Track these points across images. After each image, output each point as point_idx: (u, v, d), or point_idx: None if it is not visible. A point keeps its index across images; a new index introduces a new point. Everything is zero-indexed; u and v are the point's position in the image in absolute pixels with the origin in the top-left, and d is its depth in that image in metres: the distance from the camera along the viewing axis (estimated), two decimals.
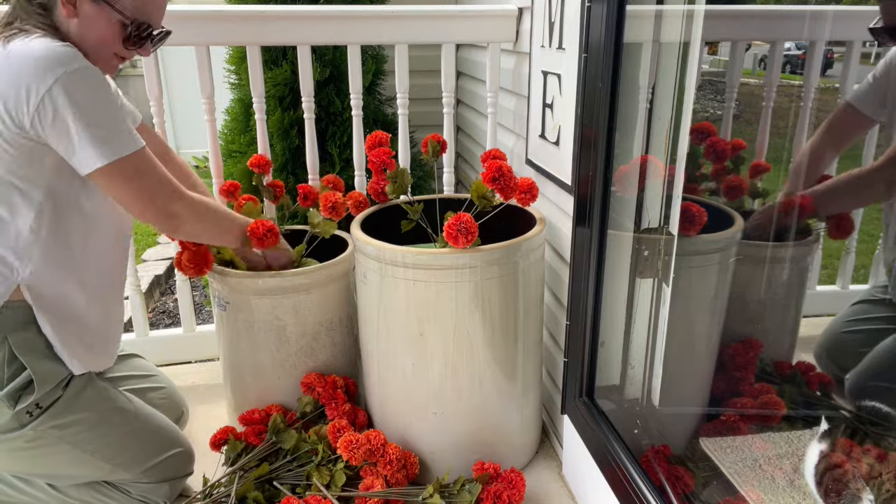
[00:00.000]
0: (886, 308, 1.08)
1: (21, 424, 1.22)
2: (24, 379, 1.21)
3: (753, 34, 1.29)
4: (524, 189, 1.49)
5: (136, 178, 1.19)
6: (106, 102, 1.14)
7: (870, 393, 1.03)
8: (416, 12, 1.85)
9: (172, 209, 1.26)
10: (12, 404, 1.20)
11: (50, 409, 1.24)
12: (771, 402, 1.18)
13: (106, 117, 1.14)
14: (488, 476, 1.46)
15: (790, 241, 1.18)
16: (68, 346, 1.25)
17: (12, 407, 1.20)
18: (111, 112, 1.15)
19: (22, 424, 1.22)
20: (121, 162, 1.16)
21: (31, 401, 1.21)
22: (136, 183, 1.20)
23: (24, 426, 1.22)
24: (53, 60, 1.08)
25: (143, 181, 1.21)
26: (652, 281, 1.31)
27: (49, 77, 1.07)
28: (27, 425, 1.22)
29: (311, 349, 1.68)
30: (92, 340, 1.31)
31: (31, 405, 1.22)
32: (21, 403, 1.21)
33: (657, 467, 1.24)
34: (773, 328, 1.29)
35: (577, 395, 1.47)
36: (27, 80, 1.08)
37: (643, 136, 1.29)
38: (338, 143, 2.32)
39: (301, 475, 1.50)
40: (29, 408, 1.22)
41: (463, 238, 1.35)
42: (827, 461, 0.94)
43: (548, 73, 1.58)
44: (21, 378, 1.21)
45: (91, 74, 1.13)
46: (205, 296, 3.12)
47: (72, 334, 1.26)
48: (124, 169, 1.17)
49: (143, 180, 1.21)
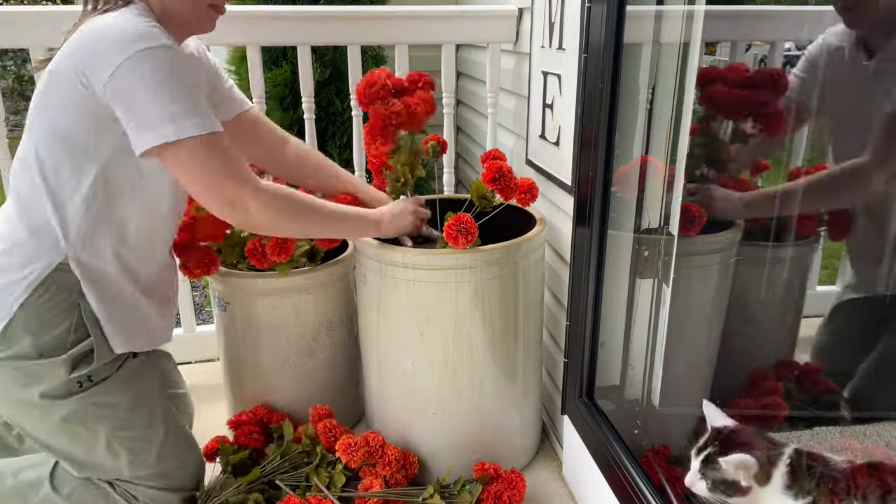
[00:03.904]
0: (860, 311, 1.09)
1: (69, 392, 1.23)
2: (85, 347, 1.22)
3: (753, 34, 1.29)
4: (524, 189, 1.49)
5: (199, 161, 1.16)
6: (181, 82, 1.12)
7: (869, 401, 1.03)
8: (416, 12, 1.85)
9: (235, 197, 1.19)
10: (70, 369, 1.22)
11: (98, 386, 1.25)
12: (773, 403, 1.18)
13: (177, 97, 1.11)
14: (488, 476, 1.46)
15: (790, 242, 1.19)
16: (112, 321, 1.25)
17: (69, 372, 1.22)
18: (184, 92, 1.13)
19: (70, 393, 1.23)
20: (186, 143, 1.12)
21: (86, 372, 1.23)
22: (199, 167, 1.16)
23: (71, 395, 1.23)
24: (136, 35, 1.10)
25: (207, 166, 1.16)
26: (652, 281, 1.31)
27: (128, 50, 1.08)
28: (74, 395, 1.23)
29: (311, 349, 1.68)
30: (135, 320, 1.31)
31: (83, 376, 1.23)
32: (77, 371, 1.22)
33: (657, 467, 1.24)
34: (773, 328, 1.29)
35: (577, 396, 1.47)
36: (108, 50, 1.09)
37: (643, 136, 1.29)
38: (338, 143, 2.32)
39: (298, 477, 1.50)
40: (81, 378, 1.23)
41: (463, 238, 1.35)
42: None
43: (548, 73, 1.58)
44: (83, 346, 1.22)
45: (170, 55, 1.12)
46: (205, 296, 3.12)
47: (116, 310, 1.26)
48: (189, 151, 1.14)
49: (207, 165, 1.16)
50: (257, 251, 1.55)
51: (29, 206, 1.20)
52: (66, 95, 1.14)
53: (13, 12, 1.66)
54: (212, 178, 1.18)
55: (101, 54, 1.10)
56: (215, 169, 1.17)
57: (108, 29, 1.11)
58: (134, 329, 1.30)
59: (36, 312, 1.19)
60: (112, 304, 1.26)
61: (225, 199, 1.20)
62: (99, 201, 1.21)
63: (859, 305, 1.12)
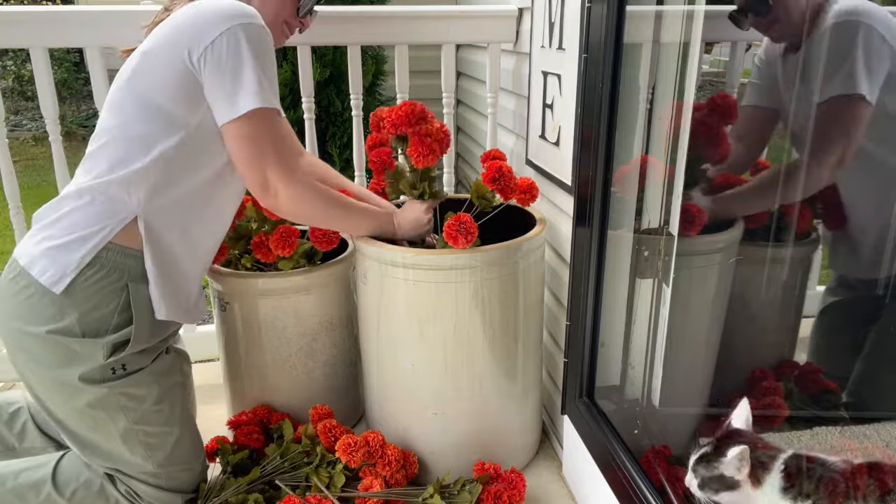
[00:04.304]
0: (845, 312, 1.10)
1: (102, 379, 1.25)
2: (126, 334, 1.25)
3: (753, 34, 1.29)
4: (524, 189, 1.49)
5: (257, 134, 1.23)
6: (270, 61, 1.24)
7: (868, 401, 1.04)
8: (416, 12, 1.85)
9: (271, 181, 1.27)
10: (108, 353, 1.24)
11: (131, 376, 1.28)
12: (773, 403, 1.18)
13: (264, 72, 1.21)
14: (488, 476, 1.46)
15: (790, 242, 1.19)
16: (162, 287, 1.28)
17: (107, 357, 1.24)
18: (271, 70, 1.24)
19: (103, 379, 1.25)
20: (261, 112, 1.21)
21: (121, 357, 1.25)
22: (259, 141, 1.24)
23: (104, 382, 1.25)
24: (236, 11, 1.20)
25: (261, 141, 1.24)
26: (652, 281, 1.31)
27: (228, 22, 1.18)
28: (106, 382, 1.25)
29: (311, 349, 1.68)
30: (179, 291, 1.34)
31: (118, 363, 1.25)
32: (114, 357, 1.25)
33: (657, 468, 1.24)
34: (773, 328, 1.29)
35: (578, 396, 1.47)
36: (208, 22, 1.19)
37: (643, 136, 1.30)
38: (338, 143, 2.32)
39: (298, 477, 1.50)
40: (115, 365, 1.25)
41: (462, 238, 1.35)
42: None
43: (548, 73, 1.58)
44: (124, 333, 1.25)
45: (265, 33, 1.23)
46: (205, 296, 3.12)
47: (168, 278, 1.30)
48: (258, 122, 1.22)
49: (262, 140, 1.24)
50: (263, 245, 1.58)
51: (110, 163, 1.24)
52: (163, 68, 1.20)
53: (13, 12, 1.66)
54: (261, 155, 1.25)
55: (200, 28, 1.18)
56: (266, 147, 1.25)
57: (205, 8, 1.21)
58: (178, 299, 1.34)
59: (87, 290, 1.22)
60: (165, 268, 1.29)
61: (263, 180, 1.27)
62: (175, 169, 1.26)
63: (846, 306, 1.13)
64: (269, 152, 1.25)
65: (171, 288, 1.31)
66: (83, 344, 1.23)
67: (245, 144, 1.24)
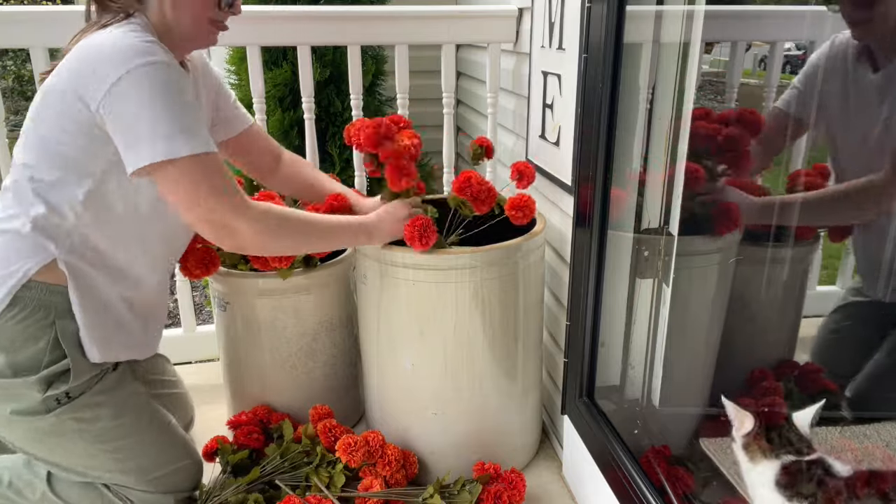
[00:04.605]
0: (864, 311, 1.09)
1: (47, 410, 1.22)
2: (62, 367, 1.21)
3: (753, 34, 1.29)
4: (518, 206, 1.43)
5: (190, 182, 1.13)
6: (175, 100, 1.10)
7: (870, 403, 1.03)
8: (416, 12, 1.85)
9: (225, 220, 1.17)
10: (44, 389, 1.20)
11: (77, 400, 1.24)
12: (773, 403, 1.18)
13: (171, 115, 1.09)
14: (489, 476, 1.46)
15: (790, 242, 1.19)
16: (92, 330, 1.23)
17: (43, 392, 1.20)
18: (179, 110, 1.10)
19: (48, 410, 1.22)
20: (178, 162, 1.10)
21: (63, 390, 1.21)
22: (190, 188, 1.13)
23: (49, 412, 1.22)
24: (131, 52, 1.08)
25: (198, 187, 1.14)
26: (652, 281, 1.31)
27: (124, 66, 1.07)
28: (52, 412, 1.22)
29: (311, 349, 1.68)
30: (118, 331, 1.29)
31: (60, 394, 1.22)
32: (52, 390, 1.21)
33: (657, 467, 1.24)
34: (773, 328, 1.29)
35: (578, 396, 1.47)
36: (103, 68, 1.08)
37: (643, 137, 1.30)
38: (338, 143, 2.31)
39: (298, 477, 1.50)
40: (59, 395, 1.22)
41: (419, 243, 1.34)
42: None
43: (548, 73, 1.58)
44: (60, 365, 1.20)
45: (165, 72, 1.10)
46: (205, 296, 3.12)
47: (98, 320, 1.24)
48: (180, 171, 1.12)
49: (199, 186, 1.14)
50: (260, 256, 1.55)
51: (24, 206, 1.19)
52: (62, 113, 1.13)
53: (13, 12, 1.66)
54: (202, 200, 1.15)
55: (97, 73, 1.08)
56: (206, 191, 1.15)
57: (104, 46, 1.10)
58: (114, 340, 1.28)
59: (10, 330, 1.17)
60: (96, 314, 1.23)
61: (215, 222, 1.18)
62: (94, 212, 1.19)
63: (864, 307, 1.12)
64: (207, 192, 1.14)
65: (104, 330, 1.25)
66: (15, 385, 1.18)
67: (179, 191, 1.14)
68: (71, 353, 1.21)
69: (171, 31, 1.20)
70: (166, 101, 1.09)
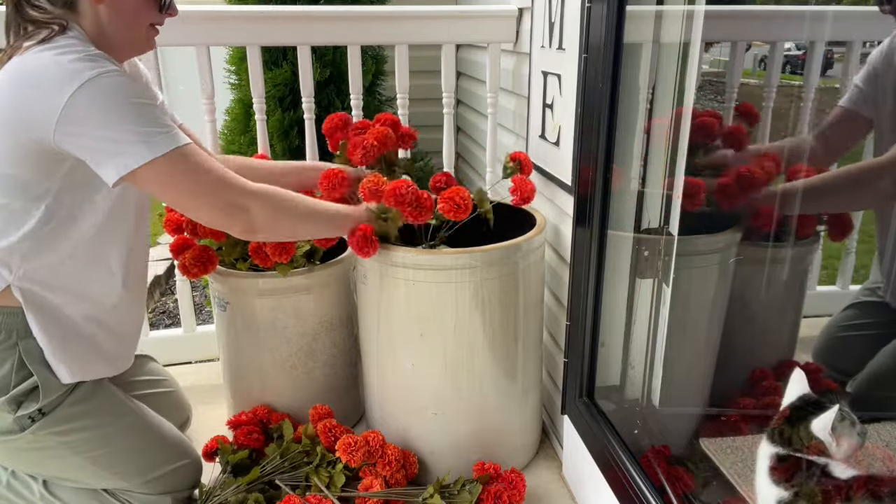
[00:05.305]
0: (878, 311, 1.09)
1: (21, 428, 1.21)
2: (30, 385, 1.20)
3: (753, 34, 1.29)
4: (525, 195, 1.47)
5: (182, 174, 1.10)
6: (137, 102, 1.06)
7: (873, 402, 1.03)
8: (416, 12, 1.85)
9: (233, 201, 1.14)
10: (14, 409, 1.19)
11: (51, 415, 1.22)
12: (773, 403, 1.18)
13: (140, 117, 1.06)
14: (488, 476, 1.46)
15: (790, 242, 1.19)
16: (57, 352, 1.21)
17: (14, 412, 1.19)
18: (145, 111, 1.07)
19: (22, 428, 1.21)
20: (163, 160, 1.06)
21: (35, 408, 1.20)
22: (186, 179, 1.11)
23: (25, 430, 1.21)
24: (74, 69, 1.03)
25: (195, 175, 1.11)
26: (652, 281, 1.31)
27: (71, 86, 1.02)
28: (27, 429, 1.21)
29: (311, 349, 1.68)
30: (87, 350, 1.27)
31: (33, 412, 1.20)
32: (23, 409, 1.20)
33: (657, 467, 1.24)
34: (773, 329, 1.29)
35: (578, 396, 1.47)
36: (51, 88, 1.02)
37: (643, 137, 1.30)
38: None
39: (298, 477, 1.50)
40: (32, 413, 1.20)
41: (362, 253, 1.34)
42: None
43: (548, 73, 1.58)
44: (27, 384, 1.19)
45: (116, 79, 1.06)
46: (205, 296, 3.12)
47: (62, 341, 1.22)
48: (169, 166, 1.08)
49: (195, 175, 1.11)
50: (260, 251, 1.54)
51: None
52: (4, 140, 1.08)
53: None
54: (204, 187, 1.13)
55: (47, 97, 1.03)
56: (205, 177, 1.12)
57: (48, 69, 1.04)
58: (85, 360, 1.26)
59: None
60: (59, 335, 1.21)
61: (223, 206, 1.15)
62: (46, 235, 1.17)
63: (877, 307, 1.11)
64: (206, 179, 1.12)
65: (72, 351, 1.23)
66: None
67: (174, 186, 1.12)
68: (37, 371, 1.19)
69: (108, 40, 1.15)
70: (128, 104, 1.05)
